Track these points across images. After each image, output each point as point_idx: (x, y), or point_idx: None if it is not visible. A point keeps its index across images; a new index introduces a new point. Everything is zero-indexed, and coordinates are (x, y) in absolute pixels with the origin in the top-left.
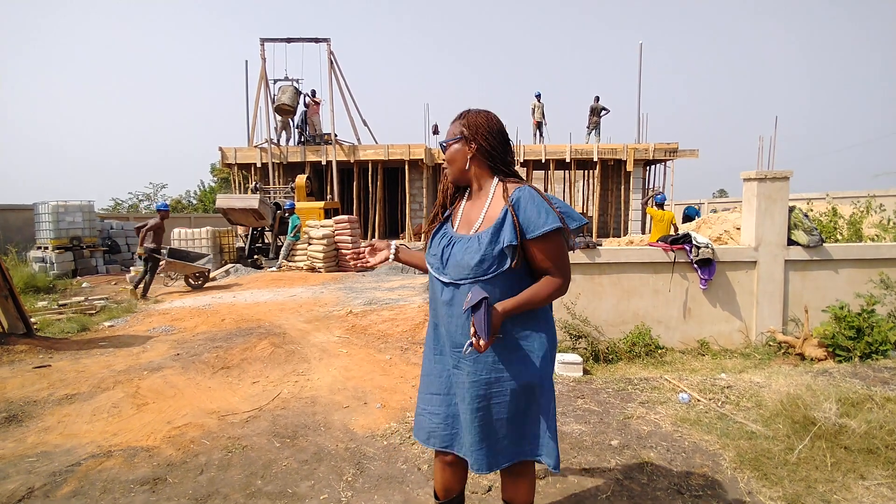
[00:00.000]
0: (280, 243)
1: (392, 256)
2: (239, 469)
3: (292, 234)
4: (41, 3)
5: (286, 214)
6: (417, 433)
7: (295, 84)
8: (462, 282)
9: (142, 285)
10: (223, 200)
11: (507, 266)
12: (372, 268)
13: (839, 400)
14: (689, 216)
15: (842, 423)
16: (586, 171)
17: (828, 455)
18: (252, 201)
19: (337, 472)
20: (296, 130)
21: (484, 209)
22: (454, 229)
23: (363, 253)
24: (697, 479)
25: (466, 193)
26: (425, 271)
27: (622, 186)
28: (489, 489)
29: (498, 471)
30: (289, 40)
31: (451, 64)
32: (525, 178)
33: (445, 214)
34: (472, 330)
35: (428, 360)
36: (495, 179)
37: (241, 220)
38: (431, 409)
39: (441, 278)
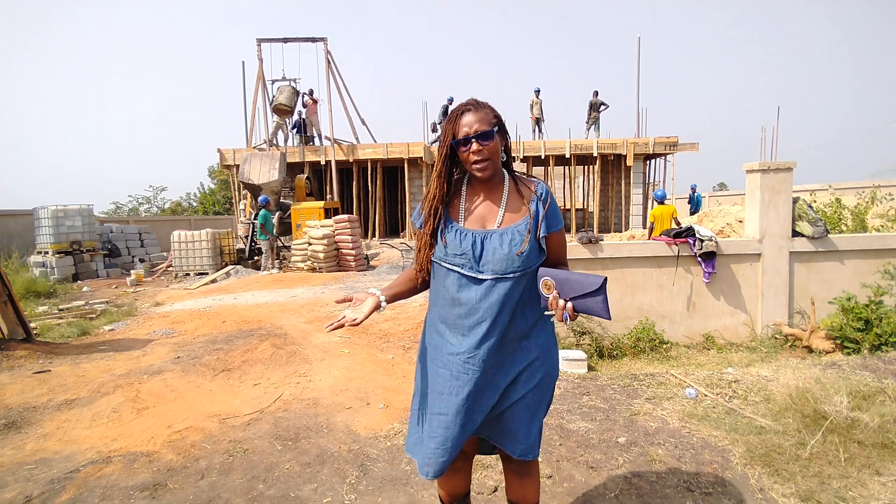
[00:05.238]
0: (281, 244)
1: (384, 304)
2: (240, 473)
3: (262, 233)
4: (40, 8)
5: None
6: (425, 468)
7: (292, 84)
8: (510, 275)
9: None
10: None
11: (543, 258)
12: (359, 324)
13: (850, 393)
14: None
15: (854, 416)
16: (586, 167)
17: (841, 450)
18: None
19: (340, 475)
20: (292, 131)
21: (502, 204)
22: (462, 225)
23: (344, 318)
24: (707, 476)
25: (463, 189)
26: (408, 296)
27: (622, 181)
28: (495, 489)
29: (503, 470)
30: (286, 40)
31: (449, 61)
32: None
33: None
34: (558, 304)
35: (435, 374)
36: (505, 174)
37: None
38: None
39: (477, 276)
